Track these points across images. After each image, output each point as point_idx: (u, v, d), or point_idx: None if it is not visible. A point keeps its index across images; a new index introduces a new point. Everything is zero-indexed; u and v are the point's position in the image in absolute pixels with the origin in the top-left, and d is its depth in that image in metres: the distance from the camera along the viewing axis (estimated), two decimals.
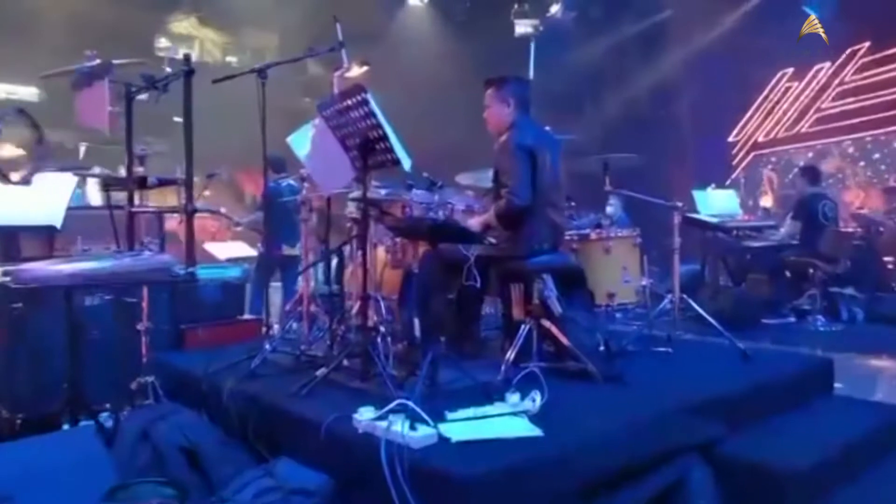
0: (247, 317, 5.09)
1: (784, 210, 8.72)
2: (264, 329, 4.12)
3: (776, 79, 11.32)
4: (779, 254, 6.96)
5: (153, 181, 3.21)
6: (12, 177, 3.45)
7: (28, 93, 10.73)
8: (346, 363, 3.19)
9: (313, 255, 4.30)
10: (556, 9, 12.19)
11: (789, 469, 2.66)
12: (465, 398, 2.75)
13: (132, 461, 2.55)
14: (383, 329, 3.34)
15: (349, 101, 3.06)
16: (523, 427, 2.49)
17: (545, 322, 3.34)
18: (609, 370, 3.24)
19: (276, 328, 4.35)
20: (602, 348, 3.62)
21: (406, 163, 3.09)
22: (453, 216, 3.89)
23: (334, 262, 4.23)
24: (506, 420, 2.56)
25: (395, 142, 3.03)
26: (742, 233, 7.17)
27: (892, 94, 9.69)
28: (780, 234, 7.12)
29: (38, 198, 3.41)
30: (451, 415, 2.56)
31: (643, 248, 4.15)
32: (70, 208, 3.48)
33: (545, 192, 3.58)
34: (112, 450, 2.63)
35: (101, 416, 3.09)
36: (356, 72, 3.83)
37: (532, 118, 3.78)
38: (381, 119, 3.00)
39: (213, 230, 9.36)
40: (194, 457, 2.62)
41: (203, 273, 4.63)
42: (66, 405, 2.99)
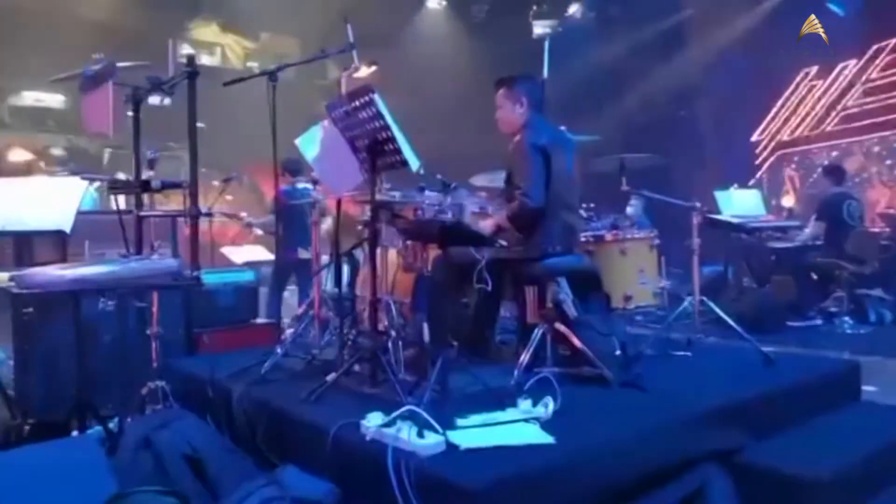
0: (260, 321, 5.07)
1: (807, 210, 8.57)
2: (280, 333, 4.10)
3: (799, 77, 11.15)
4: (804, 255, 6.84)
5: (157, 185, 3.19)
6: None
7: (55, 100, 10.93)
8: (357, 368, 3.14)
9: (326, 258, 4.27)
10: (574, 9, 12.12)
11: (812, 478, 2.55)
12: (476, 404, 2.67)
13: (133, 469, 2.51)
14: (394, 333, 3.29)
15: (357, 102, 3.03)
16: (534, 434, 2.41)
17: (560, 326, 3.27)
18: (625, 375, 3.14)
19: (289, 332, 4.32)
20: (619, 352, 3.51)
21: (414, 163, 3.05)
22: (463, 218, 3.83)
23: (345, 266, 4.20)
24: (517, 427, 2.48)
25: (402, 142, 3.00)
26: (766, 234, 7.05)
27: None
28: (805, 234, 7.00)
29: (48, 203, 3.41)
30: (460, 421, 2.48)
31: (661, 250, 4.06)
32: (81, 213, 3.48)
33: (559, 193, 3.50)
34: (113, 457, 2.59)
35: (111, 423, 3.07)
36: (364, 72, 3.80)
37: (545, 118, 3.71)
38: (389, 119, 2.96)
39: (231, 234, 9.40)
40: (198, 465, 2.57)
41: (215, 277, 4.63)
42: (75, 411, 2.98)
